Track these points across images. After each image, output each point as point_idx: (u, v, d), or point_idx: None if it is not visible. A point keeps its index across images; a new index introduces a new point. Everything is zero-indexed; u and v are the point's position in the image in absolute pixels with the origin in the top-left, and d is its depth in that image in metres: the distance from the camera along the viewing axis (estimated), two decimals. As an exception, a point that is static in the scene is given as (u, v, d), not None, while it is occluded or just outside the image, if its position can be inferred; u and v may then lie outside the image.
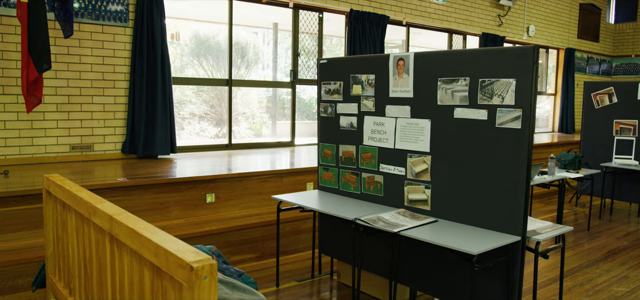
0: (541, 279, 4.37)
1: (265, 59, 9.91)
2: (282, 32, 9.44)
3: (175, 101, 8.66)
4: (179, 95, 8.75)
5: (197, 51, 9.18)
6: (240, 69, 9.34)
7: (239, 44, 9.31)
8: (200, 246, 2.42)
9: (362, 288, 4.03)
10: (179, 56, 8.97)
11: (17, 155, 4.99)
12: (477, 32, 9.15)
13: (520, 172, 2.94)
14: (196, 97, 9.25)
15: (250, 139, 9.28)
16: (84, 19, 5.22)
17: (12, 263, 3.54)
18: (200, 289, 1.42)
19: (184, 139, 8.41)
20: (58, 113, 5.18)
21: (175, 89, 7.74)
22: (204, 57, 9.22)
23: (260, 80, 9.07)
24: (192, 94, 9.15)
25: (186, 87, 8.61)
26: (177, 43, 8.92)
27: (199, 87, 8.93)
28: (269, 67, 9.90)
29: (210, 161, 5.66)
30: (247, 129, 9.71)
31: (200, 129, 9.27)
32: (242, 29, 9.57)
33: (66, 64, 5.17)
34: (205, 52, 9.21)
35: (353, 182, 3.98)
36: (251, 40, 9.87)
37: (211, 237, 4.41)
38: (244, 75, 9.31)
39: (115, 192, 4.31)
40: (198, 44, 9.22)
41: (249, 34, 9.85)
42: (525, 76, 2.89)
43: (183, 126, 8.90)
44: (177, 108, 8.62)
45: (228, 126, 6.79)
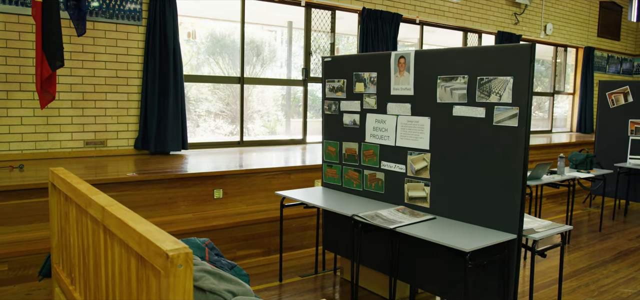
0: (546, 278, 4.35)
1: (281, 57, 9.98)
2: (296, 30, 9.50)
3: (191, 99, 8.77)
4: (196, 93, 8.86)
5: (213, 49, 9.29)
6: (256, 67, 9.42)
7: (254, 43, 9.38)
8: (194, 239, 2.49)
9: (363, 284, 4.07)
10: (195, 54, 9.08)
11: (33, 150, 5.14)
12: (492, 30, 9.07)
13: (516, 170, 2.94)
14: (212, 95, 9.36)
15: (264, 136, 9.35)
16: (99, 18, 5.35)
17: (24, 253, 3.66)
18: (176, 277, 1.48)
19: (199, 136, 8.52)
20: (73, 109, 5.32)
21: (191, 87, 7.87)
22: (219, 55, 9.33)
23: (271, 77, 9.12)
24: (208, 91, 9.27)
25: (203, 85, 8.72)
26: (194, 41, 9.03)
27: (214, 84, 9.03)
28: (284, 65, 9.97)
29: (220, 158, 5.75)
30: (262, 126, 9.80)
31: (215, 127, 9.39)
32: (257, 27, 9.65)
33: (81, 62, 5.31)
34: (221, 51, 9.32)
35: (355, 179, 4.01)
36: (267, 39, 9.94)
37: (218, 231, 4.49)
38: (259, 73, 9.39)
39: (125, 187, 4.42)
40: (214, 42, 9.33)
41: (264, 32, 9.92)
42: (522, 74, 2.89)
43: (199, 123, 9.01)
44: (194, 105, 8.74)
45: (240, 123, 6.87)
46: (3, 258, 3.58)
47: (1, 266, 3.57)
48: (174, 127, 5.76)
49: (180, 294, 1.50)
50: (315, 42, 7.50)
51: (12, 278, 3.59)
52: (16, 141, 5.04)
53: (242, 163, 5.41)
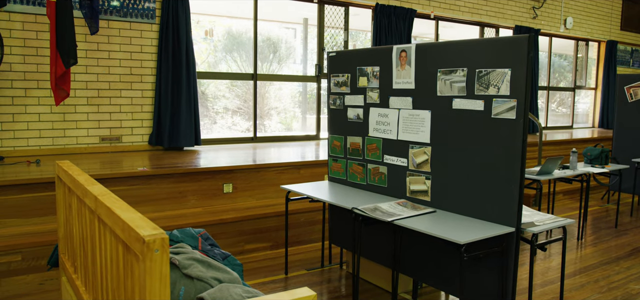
0: (556, 273, 4.30)
1: (297, 54, 10.03)
2: (312, 27, 9.54)
3: (209, 96, 8.88)
4: (214, 90, 8.97)
5: (230, 47, 9.39)
6: (273, 64, 9.49)
7: (271, 40, 9.46)
8: (189, 229, 2.55)
9: (367, 278, 4.09)
10: (212, 52, 9.19)
11: (51, 146, 5.29)
12: (510, 25, 8.96)
13: (514, 163, 2.93)
14: (229, 92, 9.47)
15: (280, 133, 9.42)
16: (113, 16, 5.47)
17: (37, 244, 3.79)
18: (152, 261, 1.53)
19: (216, 132, 8.62)
20: (88, 106, 5.46)
21: (209, 84, 7.99)
22: (237, 53, 9.43)
23: (284, 74, 9.16)
24: (225, 89, 9.38)
25: (220, 83, 8.83)
26: (211, 39, 9.15)
27: (232, 82, 9.13)
28: (300, 62, 10.02)
29: (232, 153, 5.83)
30: (278, 123, 9.87)
31: (232, 123, 9.50)
32: (274, 24, 9.72)
33: (96, 60, 5.44)
34: (238, 48, 9.42)
35: (359, 173, 4.03)
36: (283, 36, 10.01)
37: (226, 225, 4.57)
38: (276, 70, 9.46)
39: (136, 181, 4.52)
40: (231, 40, 9.43)
41: (281, 29, 9.99)
42: (520, 66, 2.87)
43: (216, 120, 9.13)
44: (211, 103, 8.86)
45: (253, 120, 6.95)
46: (17, 248, 3.71)
47: (15, 256, 3.70)
48: (186, 123, 5.86)
49: (157, 278, 1.55)
50: (329, 38, 7.53)
51: (25, 268, 3.72)
52: (34, 137, 5.20)
53: (252, 158, 5.47)
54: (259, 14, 7.20)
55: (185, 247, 2.22)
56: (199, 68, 7.69)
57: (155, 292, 1.56)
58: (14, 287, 3.68)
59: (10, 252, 3.69)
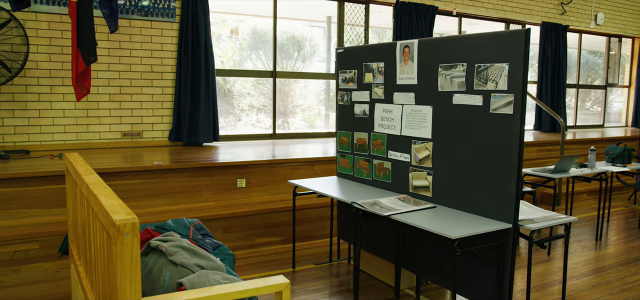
0: (572, 272, 4.22)
1: (321, 52, 10.09)
2: (335, 25, 9.57)
3: (235, 94, 9.02)
4: (240, 88, 9.11)
5: (255, 45, 9.52)
6: (297, 62, 9.57)
7: (295, 38, 9.54)
8: (183, 219, 2.63)
9: (372, 273, 4.11)
10: (238, 50, 9.34)
11: (75, 141, 5.51)
12: (536, 21, 8.78)
13: (511, 159, 2.91)
14: (255, 90, 9.61)
15: (304, 129, 9.49)
16: (134, 16, 5.65)
17: (54, 234, 3.96)
18: (123, 244, 1.61)
19: (240, 129, 8.76)
20: (111, 103, 5.65)
21: (235, 82, 8.13)
22: (262, 51, 9.55)
23: (304, 71, 9.22)
24: (251, 86, 9.52)
25: (246, 81, 8.95)
26: (236, 38, 9.30)
27: (257, 79, 9.26)
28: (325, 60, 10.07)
29: (249, 149, 5.93)
30: (302, 120, 9.96)
31: (256, 121, 9.63)
32: (299, 23, 9.80)
33: (118, 58, 5.63)
34: (263, 46, 9.54)
35: (365, 168, 4.06)
36: (307, 34, 10.08)
37: (238, 219, 4.66)
38: (300, 68, 9.54)
39: (152, 175, 4.66)
40: (255, 38, 9.55)
41: (305, 27, 10.07)
42: (517, 60, 2.85)
43: (241, 117, 9.26)
44: (237, 100, 8.98)
45: (273, 117, 7.04)
46: (35, 237, 3.89)
47: (33, 245, 3.88)
48: (205, 120, 5.99)
49: (128, 261, 1.63)
50: (352, 36, 7.55)
51: (42, 256, 3.90)
52: (59, 132, 5.42)
53: (270, 155, 5.55)
54: (283, 13, 7.29)
55: (173, 235, 2.30)
56: (225, 66, 7.84)
57: (126, 274, 1.64)
58: (32, 273, 3.86)
59: (29, 240, 3.87)
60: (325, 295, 3.77)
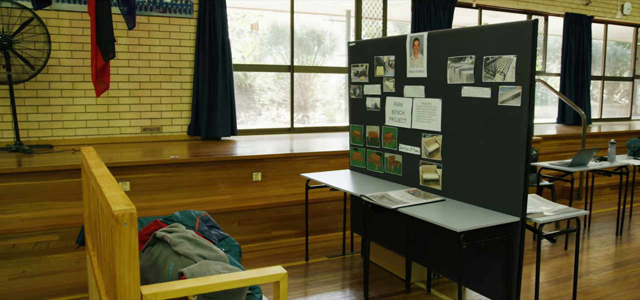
0: (583, 268, 4.16)
1: (341, 46, 10.09)
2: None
3: (256, 88, 9.09)
4: (260, 82, 9.18)
5: (275, 40, 9.57)
6: (317, 56, 9.60)
7: (315, 32, 9.55)
8: (190, 211, 2.69)
9: (384, 265, 4.12)
10: (258, 45, 9.41)
11: (96, 135, 5.65)
12: (559, 12, 8.61)
13: (519, 151, 2.88)
14: (275, 84, 9.67)
15: (324, 123, 9.52)
16: (153, 12, 5.75)
17: (74, 225, 4.08)
18: (121, 234, 1.67)
19: (260, 123, 8.82)
20: (130, 98, 5.77)
21: (256, 77, 8.21)
22: (282, 46, 9.61)
23: (321, 65, 9.23)
24: (271, 81, 9.58)
25: (266, 75, 9.01)
26: (256, 33, 9.36)
27: (278, 74, 9.31)
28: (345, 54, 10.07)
29: (267, 143, 5.98)
30: (322, 114, 9.99)
31: (276, 115, 9.70)
32: (319, 17, 9.82)
33: (137, 54, 5.74)
34: (283, 41, 9.59)
35: (377, 162, 4.07)
36: (327, 28, 10.09)
37: (253, 212, 4.72)
38: (320, 62, 9.57)
39: (169, 169, 4.75)
40: (275, 33, 9.60)
41: (325, 21, 10.08)
42: (525, 52, 2.82)
43: (261, 112, 9.33)
44: (258, 94, 9.05)
45: (290, 111, 7.08)
46: (56, 229, 4.02)
47: (53, 236, 4.00)
48: (223, 114, 6.07)
49: (126, 250, 1.68)
50: (370, 30, 7.54)
51: (62, 247, 4.02)
52: (81, 127, 5.57)
53: (285, 148, 5.59)
54: (303, 7, 7.31)
55: (179, 226, 2.36)
56: (246, 61, 7.91)
57: (125, 262, 1.69)
58: (53, 264, 3.99)
59: (50, 231, 4.00)
60: (337, 288, 3.80)
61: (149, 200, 4.67)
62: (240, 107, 8.07)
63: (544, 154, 6.86)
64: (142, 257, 2.30)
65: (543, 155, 6.81)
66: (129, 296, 1.71)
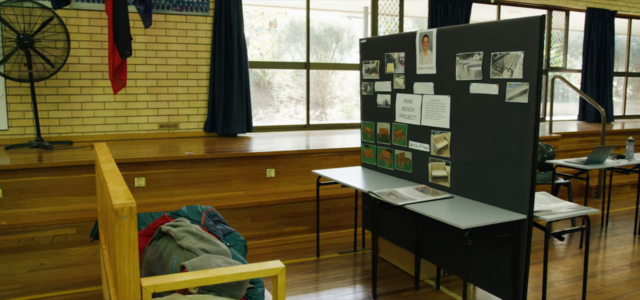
0: (597, 267, 4.10)
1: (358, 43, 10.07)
2: (374, 16, 9.53)
3: (274, 85, 9.15)
4: (279, 79, 9.24)
5: (293, 37, 9.61)
6: (335, 53, 9.61)
7: (333, 29, 9.57)
8: (197, 206, 2.74)
9: (394, 262, 4.13)
10: (276, 42, 9.46)
11: (115, 132, 5.76)
12: (581, 7, 8.45)
13: (526, 148, 2.86)
14: (293, 81, 9.72)
15: (341, 120, 9.53)
16: (170, 11, 5.84)
17: (91, 220, 4.18)
18: (121, 227, 1.72)
19: (278, 120, 8.88)
20: (148, 95, 5.87)
21: (275, 74, 8.28)
22: (300, 43, 9.65)
23: (338, 63, 9.24)
24: (290, 78, 9.64)
25: (285, 73, 9.06)
26: (274, 30, 9.42)
27: (296, 71, 9.35)
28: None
29: (282, 140, 6.02)
30: (340, 111, 10.01)
31: (294, 112, 9.75)
32: (336, 14, 9.83)
33: (155, 51, 5.84)
34: (301, 38, 9.63)
35: (388, 158, 4.07)
36: (345, 25, 10.10)
37: (266, 207, 4.77)
38: (338, 59, 9.58)
39: (184, 164, 4.83)
40: (293, 30, 9.64)
41: (343, 19, 10.09)
42: (532, 48, 2.79)
43: (279, 109, 9.39)
44: (276, 91, 9.11)
45: (306, 108, 7.12)
46: (73, 222, 4.12)
47: (71, 230, 4.11)
48: (238, 111, 6.14)
49: (126, 243, 1.73)
50: (389, 26, 7.52)
51: (79, 241, 4.13)
52: (100, 124, 5.69)
53: (300, 145, 5.62)
54: (320, 4, 7.33)
55: (184, 221, 2.41)
56: (264, 58, 7.97)
57: (125, 255, 1.74)
58: (70, 257, 4.10)
59: (67, 225, 4.11)
60: (347, 284, 3.82)
61: (165, 195, 4.76)
62: (258, 104, 8.14)
63: (563, 152, 6.76)
64: (148, 251, 2.36)
65: (562, 152, 6.71)
66: (129, 288, 1.76)
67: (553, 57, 8.94)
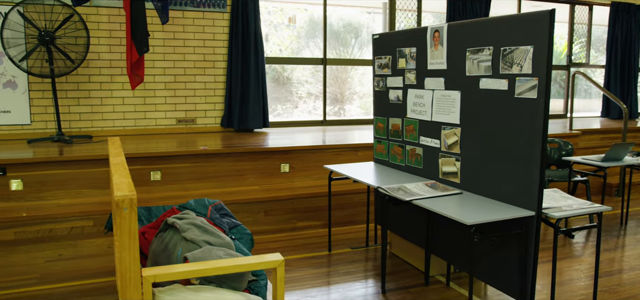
0: (615, 266, 4.03)
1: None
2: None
3: (294, 81, 9.19)
4: (298, 75, 9.26)
5: (312, 33, 9.63)
6: (354, 49, 9.60)
7: (352, 25, 9.55)
8: (205, 199, 2.78)
9: (405, 258, 4.12)
10: (295, 38, 9.48)
11: (133, 127, 5.87)
12: (605, 1, 8.27)
13: (535, 144, 2.83)
14: (312, 77, 9.74)
15: (360, 116, 9.52)
16: (188, 7, 5.91)
17: (108, 212, 4.27)
18: (122, 218, 1.76)
19: (296, 116, 8.91)
20: (166, 91, 5.96)
21: (294, 70, 8.32)
22: (319, 39, 9.66)
23: (352, 58, 9.21)
24: (309, 74, 9.66)
25: (304, 69, 9.08)
26: (294, 26, 9.44)
27: (315, 67, 9.36)
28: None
29: (298, 135, 6.05)
30: (358, 107, 10.00)
31: (313, 107, 9.77)
32: (355, 10, 9.81)
33: (172, 48, 5.92)
34: (320, 34, 9.64)
35: (399, 154, 4.06)
36: (364, 21, 10.07)
37: (279, 202, 4.80)
38: (357, 55, 9.57)
39: (199, 159, 4.90)
40: (313, 26, 9.66)
41: (362, 14, 10.06)
42: (542, 43, 2.76)
43: (298, 105, 9.41)
44: (295, 87, 9.13)
45: (323, 103, 7.14)
46: (90, 215, 4.22)
47: (88, 222, 4.21)
48: (255, 107, 6.18)
49: (126, 234, 1.78)
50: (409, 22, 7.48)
51: (95, 232, 4.22)
52: (119, 119, 5.80)
53: (316, 140, 5.63)
54: (340, 0, 7.32)
55: (189, 213, 2.45)
56: (283, 54, 8.00)
57: (126, 246, 1.79)
58: (87, 248, 4.20)
59: (85, 217, 4.21)
60: (357, 279, 3.83)
61: (181, 189, 4.83)
62: (277, 100, 8.18)
63: (584, 149, 6.64)
64: (155, 242, 2.41)
65: (582, 149, 6.59)
66: (130, 277, 1.80)
67: (577, 53, 8.77)
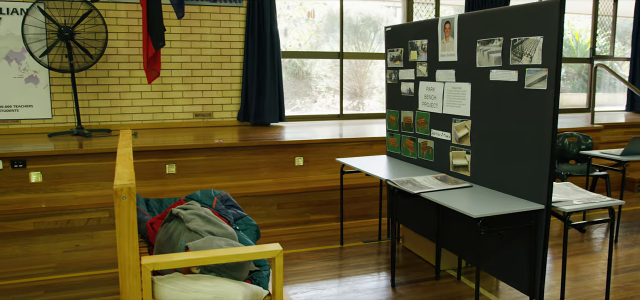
0: (636, 262, 3.94)
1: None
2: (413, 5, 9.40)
3: (313, 76, 9.20)
4: (317, 70, 9.26)
5: (331, 27, 9.61)
6: (373, 43, 9.56)
7: (371, 19, 9.51)
8: (210, 190, 2.81)
9: (417, 252, 4.10)
10: (314, 33, 9.48)
11: (151, 120, 5.96)
12: (631, -9, 8.06)
13: (544, 136, 2.78)
14: (331, 72, 9.73)
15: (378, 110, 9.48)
16: (204, 2, 5.96)
17: (123, 205, 4.35)
18: (120, 207, 1.80)
19: (315, 110, 8.91)
20: (183, 85, 6.03)
21: (314, 64, 8.33)
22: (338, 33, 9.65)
23: (369, 52, 9.16)
24: (328, 69, 9.66)
25: (323, 63, 9.07)
26: (313, 20, 9.44)
27: (334, 61, 9.35)
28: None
29: (313, 129, 6.06)
30: (377, 101, 9.96)
31: (332, 102, 9.76)
32: (376, 4, 9.77)
33: (189, 42, 5.99)
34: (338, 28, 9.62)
35: (411, 147, 4.03)
36: (384, 15, 10.02)
37: (294, 195, 4.82)
38: (376, 49, 9.52)
39: (214, 152, 4.95)
40: (332, 20, 9.64)
41: (381, 8, 10.01)
42: (551, 33, 2.70)
43: (317, 99, 9.41)
44: (314, 81, 9.14)
45: (340, 97, 7.13)
46: (106, 207, 4.31)
47: (104, 213, 4.29)
48: (271, 101, 6.21)
49: (125, 222, 1.81)
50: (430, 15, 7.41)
51: (111, 224, 4.30)
52: (137, 113, 5.89)
53: (332, 134, 5.62)
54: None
55: (194, 204, 2.48)
56: (302, 48, 8.02)
57: (124, 234, 1.82)
58: (103, 239, 4.29)
59: (101, 209, 4.29)
60: (368, 272, 3.83)
61: (196, 182, 4.89)
62: (296, 94, 8.20)
63: (606, 143, 6.49)
64: (160, 232, 2.45)
65: (605, 144, 6.45)
66: (129, 265, 1.84)
67: (603, 45, 8.57)
